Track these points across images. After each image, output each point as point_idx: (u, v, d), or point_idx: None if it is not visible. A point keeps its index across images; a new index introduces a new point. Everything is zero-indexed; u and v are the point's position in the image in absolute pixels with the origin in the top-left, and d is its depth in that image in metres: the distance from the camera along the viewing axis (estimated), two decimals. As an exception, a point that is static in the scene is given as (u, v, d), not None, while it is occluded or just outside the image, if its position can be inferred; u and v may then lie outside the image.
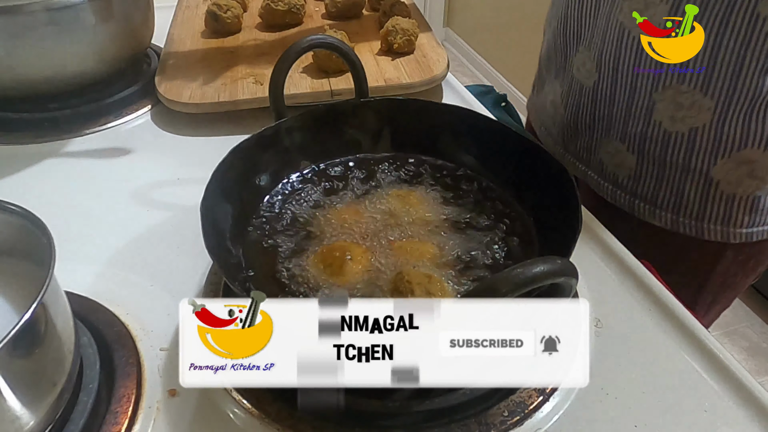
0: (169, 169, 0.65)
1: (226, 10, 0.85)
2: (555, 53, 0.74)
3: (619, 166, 0.67)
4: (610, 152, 0.67)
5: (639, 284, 0.51)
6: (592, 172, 0.71)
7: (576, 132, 0.72)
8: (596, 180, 0.70)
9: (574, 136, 0.72)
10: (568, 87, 0.71)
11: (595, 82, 0.66)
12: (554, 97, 0.75)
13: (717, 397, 0.42)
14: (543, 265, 0.30)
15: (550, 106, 0.77)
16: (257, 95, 0.72)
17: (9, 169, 0.65)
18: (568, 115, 0.72)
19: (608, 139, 0.67)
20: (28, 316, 0.31)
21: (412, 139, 0.58)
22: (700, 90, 0.57)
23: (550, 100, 0.77)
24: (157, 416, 0.40)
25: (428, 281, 0.42)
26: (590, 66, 0.66)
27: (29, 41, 0.64)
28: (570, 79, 0.71)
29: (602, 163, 0.69)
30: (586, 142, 0.71)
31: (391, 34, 0.79)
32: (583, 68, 0.67)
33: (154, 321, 0.47)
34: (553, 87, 0.76)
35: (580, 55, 0.68)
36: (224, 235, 0.46)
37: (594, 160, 0.70)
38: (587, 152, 0.71)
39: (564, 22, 0.70)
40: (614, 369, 0.44)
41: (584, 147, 0.71)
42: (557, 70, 0.74)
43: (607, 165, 0.68)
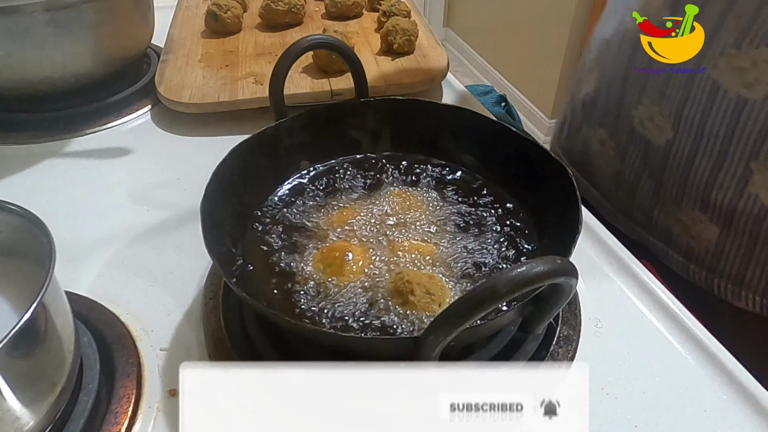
0: (169, 169, 0.65)
1: (226, 10, 0.85)
2: (605, 100, 0.66)
3: (694, 237, 0.58)
4: (684, 221, 0.59)
5: (639, 284, 0.51)
6: (656, 239, 0.63)
7: (634, 192, 0.64)
8: (662, 248, 0.62)
9: (630, 196, 0.64)
10: (626, 141, 0.63)
11: (669, 141, 0.58)
12: (600, 147, 0.68)
13: (717, 397, 0.42)
14: (543, 265, 0.30)
15: (594, 157, 0.69)
16: (257, 95, 0.72)
17: (9, 169, 0.65)
18: (626, 172, 0.64)
19: (682, 206, 0.59)
20: (28, 316, 0.31)
21: (412, 139, 0.58)
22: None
23: (594, 150, 0.69)
24: (157, 416, 0.40)
25: (428, 281, 0.42)
26: (662, 122, 0.58)
27: (29, 41, 0.64)
28: (628, 131, 0.63)
29: (671, 231, 0.61)
30: (649, 206, 0.62)
31: (391, 34, 0.79)
32: (650, 123, 0.59)
33: (154, 321, 0.47)
34: (596, 134, 0.68)
35: (645, 109, 0.60)
36: (224, 235, 0.46)
37: (659, 227, 0.62)
38: (648, 217, 0.63)
39: (621, 67, 0.62)
40: (614, 369, 0.44)
41: (645, 211, 0.63)
42: (603, 117, 0.67)
43: (678, 234, 0.60)
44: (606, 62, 0.66)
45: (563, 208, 0.45)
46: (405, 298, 0.42)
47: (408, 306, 0.42)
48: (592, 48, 0.72)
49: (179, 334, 0.46)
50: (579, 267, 0.32)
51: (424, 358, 0.33)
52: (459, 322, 0.31)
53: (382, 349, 0.40)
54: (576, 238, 0.41)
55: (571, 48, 2.23)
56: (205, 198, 0.44)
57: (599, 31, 0.69)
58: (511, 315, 0.37)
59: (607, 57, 0.65)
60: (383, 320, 0.42)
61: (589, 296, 0.49)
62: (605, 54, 0.66)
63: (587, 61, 0.72)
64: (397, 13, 0.86)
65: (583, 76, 0.73)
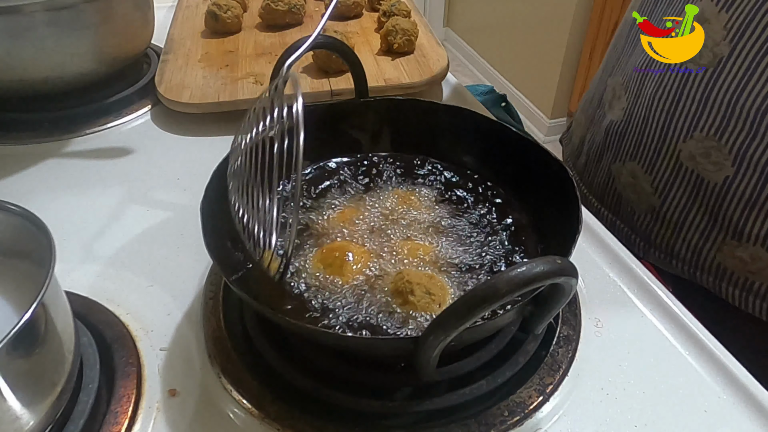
0: (169, 169, 0.65)
1: (226, 10, 0.85)
2: (638, 132, 0.63)
3: (755, 273, 0.56)
4: (742, 257, 0.57)
5: (639, 284, 0.51)
6: (707, 274, 0.60)
7: (681, 228, 0.61)
8: (713, 283, 0.60)
9: (675, 233, 0.61)
10: (670, 176, 0.60)
11: (729, 179, 0.55)
12: (632, 180, 0.65)
13: (717, 397, 0.42)
14: (543, 266, 0.30)
15: (624, 190, 0.66)
16: (257, 95, 0.71)
17: (9, 169, 0.65)
18: (668, 208, 0.61)
19: (739, 242, 0.56)
20: (28, 316, 0.31)
21: (412, 139, 0.58)
22: None
23: (624, 183, 0.66)
24: (157, 416, 0.40)
25: (428, 281, 0.42)
26: (719, 158, 0.55)
27: (29, 41, 0.64)
28: (675, 167, 0.59)
29: (723, 267, 0.58)
30: (697, 243, 0.60)
31: (391, 34, 0.79)
32: (704, 160, 0.56)
33: (154, 321, 0.47)
34: (626, 167, 0.65)
35: (696, 144, 0.56)
36: (224, 235, 0.46)
37: (707, 262, 0.60)
38: (695, 253, 0.60)
39: (668, 100, 0.58)
40: (614, 369, 0.44)
41: (693, 247, 0.60)
42: (636, 149, 0.64)
43: (733, 270, 0.58)
44: (642, 92, 0.63)
45: (563, 208, 0.45)
46: (405, 298, 0.42)
47: (408, 306, 0.42)
48: (615, 72, 0.68)
49: (179, 334, 0.46)
50: (579, 267, 0.32)
51: (424, 358, 0.33)
52: (459, 322, 0.31)
53: (382, 349, 0.40)
54: (576, 238, 0.41)
55: (571, 48, 2.23)
56: (205, 198, 0.44)
57: (628, 56, 0.66)
58: (511, 315, 0.37)
59: (644, 87, 0.62)
60: (383, 320, 0.42)
61: (589, 296, 0.49)
62: (640, 84, 0.63)
63: (612, 85, 0.68)
64: (397, 13, 0.86)
65: (607, 101, 0.70)
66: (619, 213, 0.69)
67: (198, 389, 0.42)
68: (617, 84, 0.68)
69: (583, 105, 0.80)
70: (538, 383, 0.42)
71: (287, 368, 0.41)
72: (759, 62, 0.51)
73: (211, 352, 0.44)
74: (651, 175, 0.63)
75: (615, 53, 0.70)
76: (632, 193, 0.66)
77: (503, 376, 0.41)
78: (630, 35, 0.66)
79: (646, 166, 0.63)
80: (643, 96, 0.62)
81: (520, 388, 0.41)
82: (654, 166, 0.62)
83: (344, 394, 0.40)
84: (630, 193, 0.66)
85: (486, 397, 0.40)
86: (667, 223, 0.62)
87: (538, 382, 0.42)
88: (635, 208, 0.66)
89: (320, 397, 0.40)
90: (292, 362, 0.41)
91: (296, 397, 0.40)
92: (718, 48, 0.53)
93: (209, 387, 0.42)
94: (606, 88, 0.71)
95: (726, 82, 0.53)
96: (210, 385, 0.42)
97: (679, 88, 0.58)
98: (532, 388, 0.41)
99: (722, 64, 0.53)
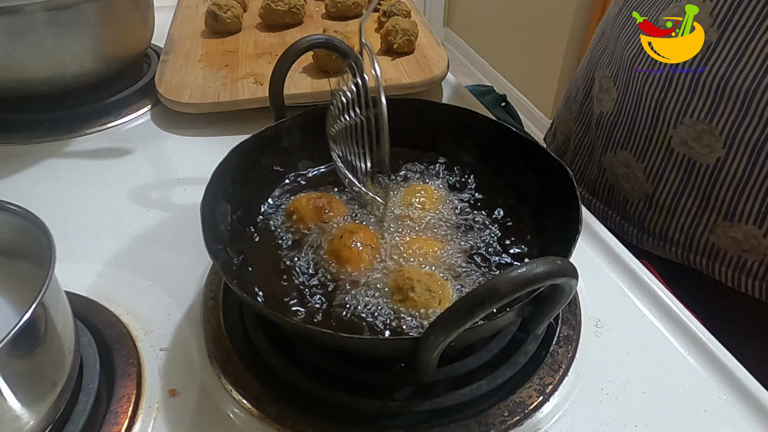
0: (169, 169, 0.65)
1: (226, 10, 0.85)
2: (629, 121, 0.64)
3: (748, 251, 0.57)
4: (734, 237, 0.58)
5: (639, 284, 0.51)
6: (700, 257, 0.61)
7: (673, 213, 0.62)
8: (707, 264, 0.61)
9: (668, 217, 0.62)
10: (663, 162, 0.61)
11: (720, 160, 0.56)
12: (625, 169, 0.65)
13: (717, 397, 0.42)
14: (543, 266, 0.30)
15: (619, 180, 0.67)
16: (257, 95, 0.72)
17: (9, 169, 0.65)
18: (661, 194, 0.62)
19: (731, 222, 0.57)
20: (28, 316, 0.31)
21: (411, 139, 0.58)
22: None
23: (618, 173, 0.67)
24: (157, 416, 0.40)
25: (429, 279, 0.42)
26: (711, 141, 0.56)
27: (29, 41, 0.64)
28: (667, 152, 0.60)
29: (716, 248, 0.59)
30: (690, 226, 0.60)
31: (391, 34, 0.79)
32: (696, 144, 0.57)
33: (154, 321, 0.47)
34: (619, 157, 0.66)
35: (687, 129, 0.57)
36: (224, 235, 0.46)
37: (700, 244, 0.60)
38: (689, 236, 0.61)
39: (658, 87, 0.59)
40: (614, 369, 0.44)
41: (686, 230, 0.61)
42: (628, 138, 0.64)
43: (726, 250, 0.59)
44: (631, 82, 0.63)
45: (563, 208, 0.45)
46: (405, 295, 0.42)
47: (408, 303, 0.42)
48: (601, 65, 0.69)
49: (179, 334, 0.46)
50: (579, 267, 0.32)
51: (424, 358, 0.33)
52: (459, 322, 0.31)
53: (383, 349, 0.40)
54: (576, 238, 0.41)
55: (571, 48, 2.23)
56: (205, 198, 0.44)
57: (615, 49, 0.66)
58: (511, 315, 0.37)
59: (633, 77, 0.63)
60: (383, 320, 0.42)
61: (589, 296, 0.49)
62: (630, 75, 0.63)
63: (599, 78, 0.69)
64: (397, 13, 0.86)
65: (595, 94, 0.71)
66: (612, 203, 0.70)
67: (198, 389, 0.42)
68: (604, 77, 0.69)
69: (566, 101, 0.81)
70: (538, 383, 0.42)
71: (287, 368, 0.41)
72: (748, 45, 0.52)
73: (211, 352, 0.44)
74: (643, 163, 0.64)
75: (600, 47, 0.71)
76: (625, 182, 0.67)
77: (503, 376, 0.41)
78: (614, 29, 0.67)
79: (639, 154, 0.64)
80: (633, 86, 0.63)
81: (520, 388, 0.41)
82: (646, 153, 0.63)
83: (344, 394, 0.40)
84: (623, 182, 0.67)
85: (486, 397, 0.40)
86: (660, 209, 0.63)
87: (538, 382, 0.42)
88: (628, 196, 0.67)
89: (320, 397, 0.40)
90: (292, 362, 0.41)
91: (296, 397, 0.40)
92: (706, 35, 0.54)
93: (209, 387, 0.42)
94: (594, 81, 0.72)
95: (716, 67, 0.54)
96: (210, 386, 0.42)
97: (668, 75, 0.59)
98: (532, 388, 0.41)
99: (711, 50, 0.54)
